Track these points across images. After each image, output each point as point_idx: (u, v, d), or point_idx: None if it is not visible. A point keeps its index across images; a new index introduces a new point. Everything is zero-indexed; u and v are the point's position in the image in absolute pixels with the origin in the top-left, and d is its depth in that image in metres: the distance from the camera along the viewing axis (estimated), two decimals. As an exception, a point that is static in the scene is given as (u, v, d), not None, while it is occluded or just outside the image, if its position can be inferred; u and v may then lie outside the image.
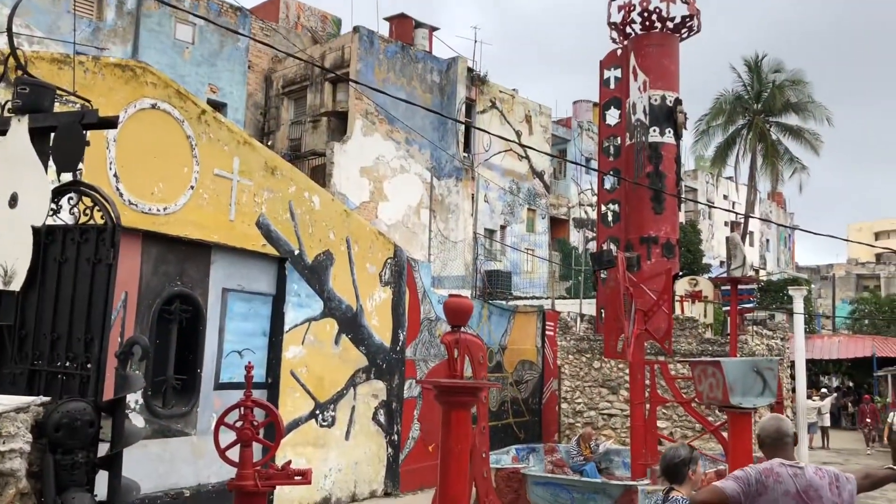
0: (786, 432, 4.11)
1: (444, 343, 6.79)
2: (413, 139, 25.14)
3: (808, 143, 35.79)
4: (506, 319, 15.50)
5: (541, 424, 16.18)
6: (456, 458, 5.31)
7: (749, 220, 37.01)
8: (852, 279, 59.74)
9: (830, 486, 3.92)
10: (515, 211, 30.16)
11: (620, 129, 15.60)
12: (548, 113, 32.33)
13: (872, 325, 42.26)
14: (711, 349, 13.84)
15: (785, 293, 27.07)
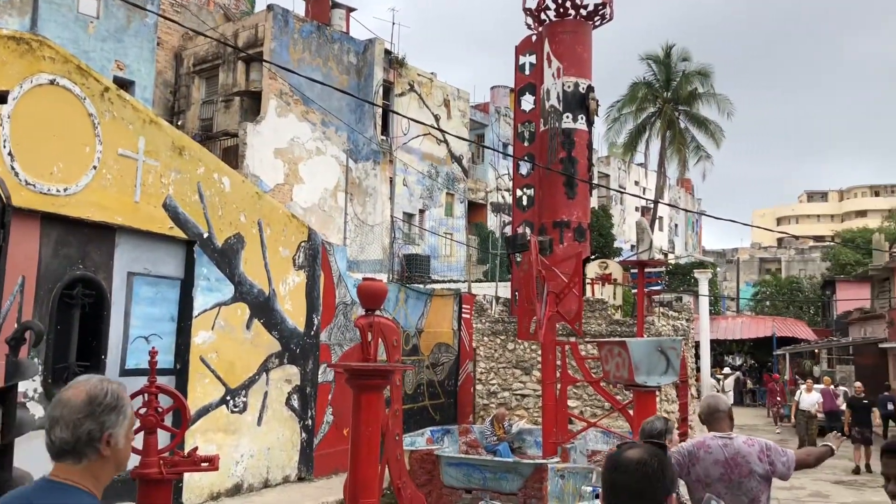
0: (718, 408, 4.52)
1: (358, 327, 6.78)
2: (329, 121, 24.84)
3: (712, 134, 37.15)
4: (422, 303, 15.55)
5: (456, 406, 16.34)
6: (367, 441, 5.32)
7: (658, 206, 38.14)
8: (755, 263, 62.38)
9: (759, 454, 4.24)
10: (434, 195, 30.22)
11: (535, 115, 15.81)
12: (466, 97, 32.45)
13: (773, 307, 44.31)
14: (620, 330, 14.24)
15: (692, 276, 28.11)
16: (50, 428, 2.11)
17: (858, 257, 41.04)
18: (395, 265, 24.72)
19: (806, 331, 36.30)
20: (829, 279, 40.85)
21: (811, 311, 44.48)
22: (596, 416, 13.07)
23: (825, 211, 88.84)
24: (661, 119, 36.79)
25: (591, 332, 14.44)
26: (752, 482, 4.18)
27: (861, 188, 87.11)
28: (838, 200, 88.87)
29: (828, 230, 75.24)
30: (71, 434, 2.09)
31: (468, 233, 31.97)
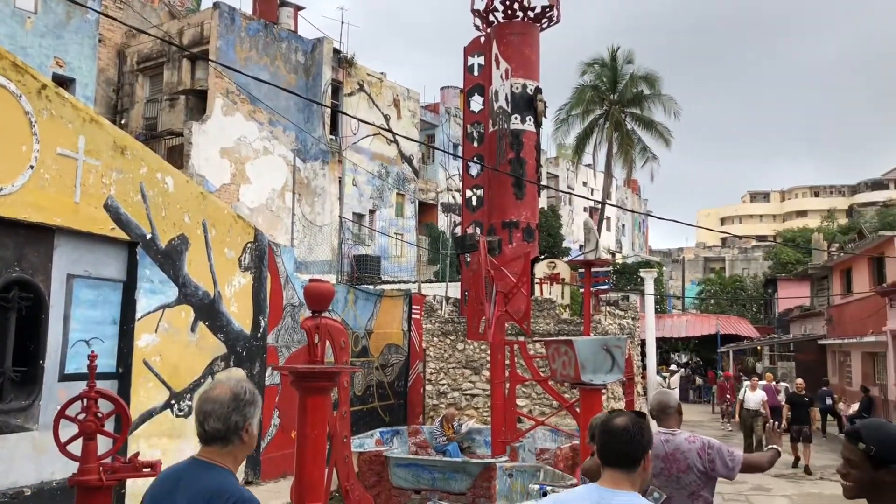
0: (667, 404, 4.61)
1: (305, 328, 6.72)
2: (277, 120, 24.59)
3: (659, 135, 37.77)
4: (372, 304, 15.49)
5: (406, 407, 16.32)
6: (313, 443, 5.27)
7: (606, 206, 38.66)
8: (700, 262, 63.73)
9: (700, 451, 4.34)
10: (384, 195, 30.15)
11: (484, 116, 15.86)
12: (416, 98, 32.45)
13: (717, 305, 45.28)
14: (568, 329, 14.41)
15: (638, 275, 28.56)
16: (203, 420, 2.67)
17: (799, 256, 42.22)
18: (344, 266, 24.59)
19: (749, 328, 37.19)
20: (771, 278, 41.92)
21: (754, 308, 45.59)
22: (544, 414, 13.19)
23: (767, 211, 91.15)
24: (609, 121, 37.30)
25: (539, 331, 14.57)
26: (691, 477, 4.28)
27: (802, 189, 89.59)
28: (780, 201, 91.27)
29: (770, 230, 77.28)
30: (222, 424, 2.64)
31: (419, 233, 31.97)
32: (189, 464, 2.73)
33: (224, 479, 2.64)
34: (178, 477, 2.71)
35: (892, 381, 20.11)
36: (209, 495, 2.58)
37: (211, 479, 2.62)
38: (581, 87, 37.94)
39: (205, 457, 2.69)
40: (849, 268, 25.72)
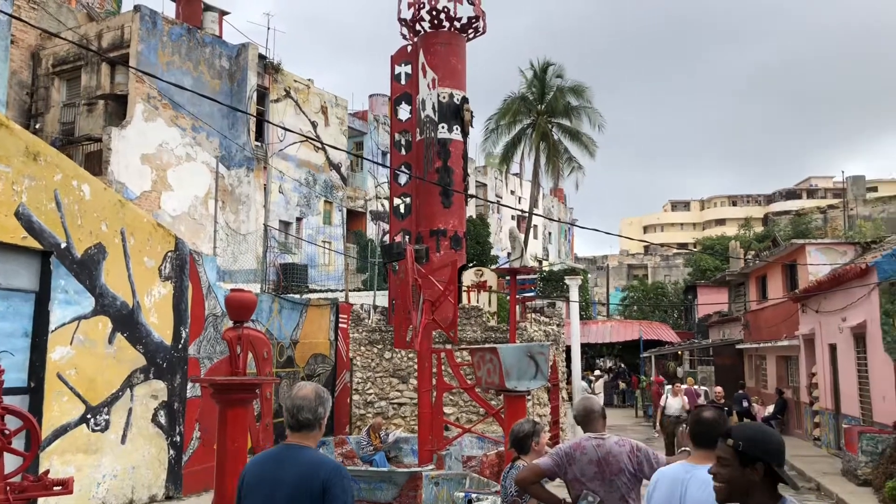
0: (592, 409, 4.73)
1: (226, 339, 6.61)
2: (200, 126, 24.11)
3: (584, 146, 38.57)
4: (297, 313, 15.31)
5: (333, 417, 16.17)
6: (232, 457, 5.19)
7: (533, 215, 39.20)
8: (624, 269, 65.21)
9: (630, 453, 4.48)
10: (312, 203, 29.86)
11: (411, 125, 15.91)
12: (344, 105, 32.29)
13: (640, 311, 46.36)
14: (495, 336, 14.53)
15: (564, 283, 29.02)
16: (297, 412, 3.45)
17: (717, 263, 43.60)
18: (270, 275, 24.22)
19: (670, 334, 38.19)
20: (691, 284, 43.15)
21: (675, 314, 46.85)
22: (471, 421, 13.27)
23: (688, 219, 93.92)
24: (536, 131, 37.87)
25: (466, 338, 14.66)
26: (623, 479, 4.41)
27: (720, 198, 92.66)
28: (700, 210, 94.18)
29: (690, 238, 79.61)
30: (312, 415, 3.46)
31: (347, 241, 31.78)
32: (283, 448, 3.50)
33: (319, 454, 3.48)
34: (279, 458, 3.47)
35: (804, 383, 20.95)
36: (315, 466, 3.34)
37: (310, 455, 3.42)
38: (509, 98, 38.46)
39: (295, 441, 3.46)
40: (764, 274, 26.71)
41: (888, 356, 14.41)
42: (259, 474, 3.47)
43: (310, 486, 3.30)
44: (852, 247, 21.10)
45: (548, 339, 16.07)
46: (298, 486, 3.31)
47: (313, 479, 3.30)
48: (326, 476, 3.31)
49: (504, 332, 14.70)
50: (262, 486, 3.43)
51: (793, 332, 21.28)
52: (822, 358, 18.81)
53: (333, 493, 3.28)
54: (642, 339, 35.04)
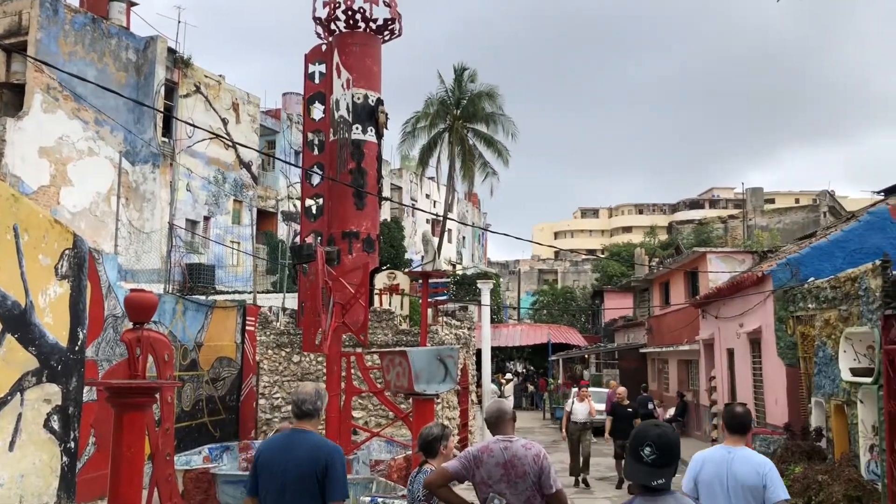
0: (504, 412, 4.76)
1: (125, 342, 6.37)
2: (104, 120, 23.19)
3: (499, 153, 39.09)
4: (203, 315, 14.89)
5: (238, 422, 15.80)
6: (128, 463, 4.99)
7: (447, 219, 39.42)
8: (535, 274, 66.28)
9: (534, 458, 4.51)
10: (221, 202, 29.15)
11: (325, 125, 15.73)
12: (256, 102, 31.70)
13: (550, 315, 47.24)
14: (406, 340, 14.51)
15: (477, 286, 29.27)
16: (301, 404, 4.39)
17: (624, 270, 44.86)
18: (174, 275, 23.49)
19: (578, 337, 39.04)
20: (598, 289, 44.25)
21: (583, 319, 47.95)
22: (381, 425, 13.19)
23: (596, 226, 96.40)
24: (452, 136, 38.13)
25: (377, 342, 14.58)
26: (527, 483, 4.46)
27: (628, 206, 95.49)
28: (608, 217, 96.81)
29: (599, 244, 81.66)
30: (312, 406, 4.40)
31: (257, 242, 31.16)
32: (292, 432, 4.47)
33: (320, 437, 4.47)
34: (288, 440, 4.41)
35: (703, 386, 21.76)
36: (318, 446, 4.32)
37: (314, 438, 4.38)
38: (428, 100, 38.60)
39: (301, 427, 4.43)
40: (667, 281, 27.63)
41: (781, 360, 15.12)
42: (272, 454, 4.38)
43: (314, 462, 4.21)
44: (750, 255, 22.07)
45: (459, 342, 16.15)
46: (305, 463, 4.23)
47: (317, 457, 4.23)
48: (327, 454, 4.26)
49: (415, 336, 14.69)
50: (274, 463, 4.32)
51: (693, 336, 22.07)
52: (721, 362, 19.59)
53: (334, 467, 4.23)
54: (551, 342, 35.69)
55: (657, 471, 3.02)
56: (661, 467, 3.03)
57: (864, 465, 11.14)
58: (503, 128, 38.65)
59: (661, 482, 3.02)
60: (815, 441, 12.80)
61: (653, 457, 3.03)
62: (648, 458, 3.02)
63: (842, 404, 12.07)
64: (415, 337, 14.64)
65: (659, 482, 3.02)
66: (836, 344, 12.16)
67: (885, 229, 14.51)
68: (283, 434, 4.58)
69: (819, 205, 44.31)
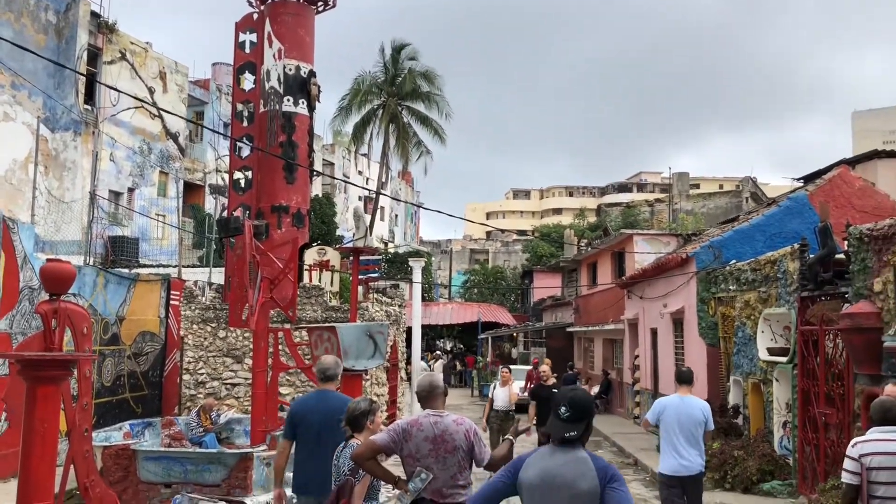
0: (436, 386, 4.78)
1: (40, 313, 6.11)
2: (22, 84, 22.14)
3: (434, 132, 38.92)
4: (125, 288, 14.45)
5: (161, 398, 15.43)
6: (41, 439, 4.79)
7: (380, 196, 39.18)
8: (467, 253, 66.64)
9: (466, 433, 4.53)
10: (146, 173, 28.27)
11: (255, 96, 15.31)
12: (185, 72, 30.75)
13: (481, 294, 47.60)
14: (336, 316, 14.39)
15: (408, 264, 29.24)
16: (325, 371, 5.83)
17: (553, 250, 45.49)
18: (96, 248, 22.69)
19: (507, 316, 39.49)
20: (528, 269, 44.79)
21: (512, 298, 48.48)
22: (308, 402, 13.07)
23: (528, 207, 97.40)
24: (385, 112, 37.79)
25: (306, 318, 14.42)
26: (457, 457, 4.48)
27: (558, 188, 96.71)
28: (539, 198, 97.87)
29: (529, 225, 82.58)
30: (333, 372, 5.87)
31: (183, 215, 30.36)
32: (320, 391, 5.88)
33: (340, 395, 5.91)
34: (320, 396, 5.80)
35: (627, 364, 22.29)
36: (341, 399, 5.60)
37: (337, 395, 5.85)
38: (360, 76, 38.12)
39: (326, 387, 5.85)
40: (595, 262, 28.12)
41: (702, 340, 15.59)
42: (307, 408, 5.72)
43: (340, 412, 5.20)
44: (675, 238, 22.63)
45: (389, 319, 16.10)
46: (333, 413, 5.37)
47: (342, 408, 5.23)
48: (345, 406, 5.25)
49: (345, 312, 14.58)
50: (311, 414, 5.62)
51: (619, 316, 22.56)
52: (644, 341, 20.09)
53: None
54: (481, 321, 35.99)
55: (570, 425, 3.47)
56: (573, 422, 3.47)
57: (777, 441, 11.61)
58: (438, 107, 38.51)
59: (572, 434, 3.47)
60: (733, 418, 13.27)
61: (567, 414, 3.47)
62: (564, 416, 3.47)
63: (758, 382, 12.52)
64: (345, 313, 14.54)
65: (571, 434, 3.46)
66: (754, 324, 12.59)
67: (803, 214, 15.06)
68: (313, 392, 6.00)
69: (742, 190, 45.70)
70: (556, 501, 3.41)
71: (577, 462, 3.41)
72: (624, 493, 3.37)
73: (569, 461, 3.42)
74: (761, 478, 11.00)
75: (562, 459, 3.45)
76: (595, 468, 3.39)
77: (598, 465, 3.42)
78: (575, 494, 3.36)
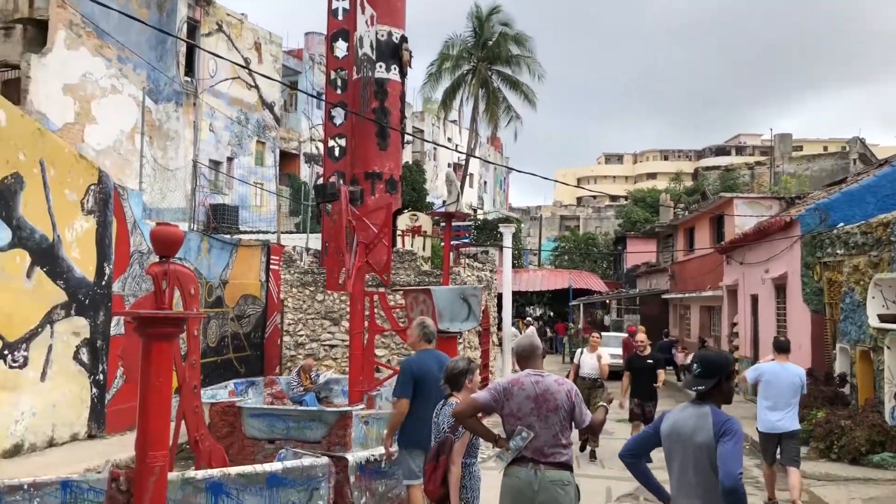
0: (536, 346, 4.78)
1: (151, 274, 6.38)
2: (127, 57, 23.05)
3: (524, 96, 38.38)
4: (227, 253, 14.99)
5: (263, 358, 16.02)
6: (156, 391, 5.03)
7: (469, 163, 39.10)
8: (557, 220, 65.99)
9: (567, 394, 4.52)
10: (244, 143, 29.10)
11: (348, 63, 15.47)
12: (279, 42, 31.34)
13: (571, 261, 47.12)
14: (428, 280, 14.53)
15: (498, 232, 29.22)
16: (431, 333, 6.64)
17: (647, 215, 44.48)
18: (199, 215, 23.58)
19: (599, 283, 38.98)
20: (621, 235, 44.00)
21: (604, 265, 47.80)
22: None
23: (620, 172, 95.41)
24: (476, 78, 37.51)
25: (399, 282, 14.62)
26: (558, 416, 4.47)
27: (653, 152, 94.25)
28: (633, 163, 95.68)
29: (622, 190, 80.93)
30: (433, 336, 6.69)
31: (280, 183, 31.16)
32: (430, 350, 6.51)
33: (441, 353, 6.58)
34: (431, 354, 6.42)
35: (725, 332, 21.70)
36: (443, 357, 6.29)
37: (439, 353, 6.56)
38: (447, 43, 37.89)
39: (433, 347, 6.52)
40: (692, 227, 27.37)
41: (806, 306, 14.99)
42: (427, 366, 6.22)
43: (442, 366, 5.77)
44: (777, 201, 21.74)
45: (480, 283, 16.15)
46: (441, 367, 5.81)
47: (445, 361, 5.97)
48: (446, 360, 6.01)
49: (437, 277, 14.70)
50: (430, 373, 6.09)
51: (717, 283, 21.93)
52: (744, 308, 19.48)
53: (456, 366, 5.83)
54: (572, 287, 35.67)
55: (699, 380, 3.85)
56: (702, 378, 3.85)
57: (888, 411, 11.10)
58: (529, 69, 37.88)
59: (699, 389, 3.85)
60: (839, 387, 12.75)
61: (698, 370, 3.88)
62: (695, 372, 3.89)
63: (868, 350, 11.97)
64: (437, 278, 14.65)
65: (699, 388, 3.85)
66: (864, 290, 12.00)
67: (919, 175, 14.19)
68: (424, 352, 6.42)
69: (849, 151, 43.39)
70: (680, 452, 3.79)
71: (699, 416, 3.75)
72: (730, 447, 3.56)
73: (693, 415, 3.78)
74: (870, 449, 10.56)
75: (689, 413, 3.83)
76: (713, 423, 3.67)
77: (716, 419, 3.68)
78: (695, 446, 3.70)
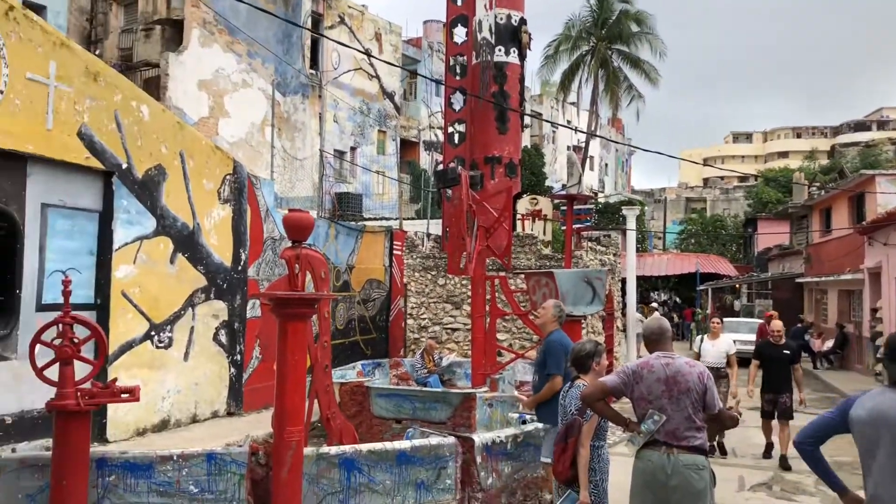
0: (666, 328, 4.73)
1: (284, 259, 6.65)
2: (256, 52, 24.04)
3: (645, 74, 37.26)
4: (353, 239, 15.43)
5: (388, 341, 16.42)
6: (293, 369, 5.25)
7: (589, 145, 38.42)
8: (682, 202, 63.88)
9: (699, 376, 4.45)
10: (366, 132, 29.78)
11: (467, 48, 15.58)
12: (398, 31, 31.82)
13: (698, 244, 45.55)
14: (549, 264, 14.43)
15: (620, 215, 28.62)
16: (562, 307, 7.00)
17: (779, 196, 42.40)
18: (325, 202, 24.38)
19: (728, 267, 37.55)
20: (751, 217, 42.16)
21: (733, 248, 45.96)
22: (524, 348, 13.30)
23: (749, 152, 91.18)
24: (595, 58, 36.77)
25: (520, 266, 14.60)
26: (690, 399, 4.36)
27: (784, 130, 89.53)
28: (762, 142, 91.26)
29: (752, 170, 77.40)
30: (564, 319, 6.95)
31: (400, 171, 31.72)
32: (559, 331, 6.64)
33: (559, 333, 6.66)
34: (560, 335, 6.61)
35: (867, 317, 20.44)
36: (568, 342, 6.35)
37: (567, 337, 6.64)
38: (566, 24, 37.29)
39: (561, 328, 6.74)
40: (828, 207, 25.88)
41: (959, 290, 13.91)
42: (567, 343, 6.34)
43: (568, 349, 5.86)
44: (926, 178, 20.24)
45: (604, 267, 15.90)
46: None
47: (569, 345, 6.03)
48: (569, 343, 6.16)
49: (559, 261, 14.58)
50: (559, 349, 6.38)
51: (857, 265, 20.67)
52: (889, 292, 18.27)
53: None
54: (699, 272, 34.53)
55: None
56: None
57: None
58: (651, 46, 36.72)
59: None
60: None
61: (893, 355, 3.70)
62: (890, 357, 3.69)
63: None
64: (558, 262, 14.54)
65: None
66: None
67: None
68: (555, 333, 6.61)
69: None
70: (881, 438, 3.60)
71: None
72: None
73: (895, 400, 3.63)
74: None
75: (889, 397, 3.64)
76: None
77: None
78: None
